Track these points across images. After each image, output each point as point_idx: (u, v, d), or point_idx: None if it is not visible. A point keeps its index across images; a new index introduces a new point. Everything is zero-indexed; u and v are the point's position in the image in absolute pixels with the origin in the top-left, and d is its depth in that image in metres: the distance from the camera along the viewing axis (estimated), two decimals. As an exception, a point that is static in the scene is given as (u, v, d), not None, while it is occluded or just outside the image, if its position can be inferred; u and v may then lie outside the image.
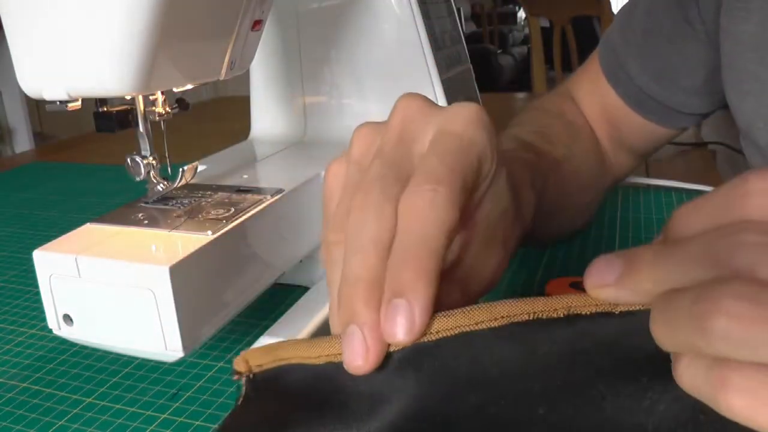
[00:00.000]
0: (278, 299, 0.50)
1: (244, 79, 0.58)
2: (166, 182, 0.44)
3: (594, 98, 0.59)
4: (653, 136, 0.58)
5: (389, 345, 0.23)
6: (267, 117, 0.63)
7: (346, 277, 0.24)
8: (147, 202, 0.43)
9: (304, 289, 0.48)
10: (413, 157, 0.27)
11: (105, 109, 0.41)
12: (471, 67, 0.70)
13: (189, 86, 0.42)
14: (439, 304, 0.24)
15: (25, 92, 0.38)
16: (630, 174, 0.64)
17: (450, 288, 0.27)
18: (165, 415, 0.38)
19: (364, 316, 0.23)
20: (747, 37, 0.45)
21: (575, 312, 0.22)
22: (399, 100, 0.30)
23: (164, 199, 0.44)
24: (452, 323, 0.23)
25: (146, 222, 0.40)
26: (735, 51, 0.46)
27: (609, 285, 0.21)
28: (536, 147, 0.47)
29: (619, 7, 0.61)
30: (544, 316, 0.23)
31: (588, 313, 0.22)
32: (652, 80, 0.55)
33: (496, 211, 0.30)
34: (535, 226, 0.40)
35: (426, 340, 0.23)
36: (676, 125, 0.57)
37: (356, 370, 0.23)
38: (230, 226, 0.39)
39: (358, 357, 0.23)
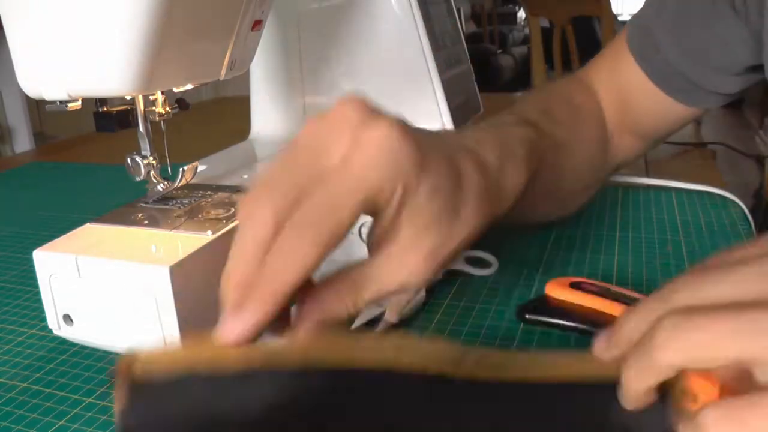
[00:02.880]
0: (278, 299, 0.50)
1: (244, 79, 0.58)
2: (166, 182, 0.44)
3: (612, 80, 0.59)
4: (669, 117, 0.59)
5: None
6: (267, 117, 0.63)
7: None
8: (147, 202, 0.43)
9: (304, 289, 0.48)
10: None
11: (105, 109, 0.41)
12: (471, 67, 0.70)
13: (189, 86, 0.42)
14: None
15: (25, 92, 0.38)
16: (633, 159, 0.64)
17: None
18: (165, 415, 0.38)
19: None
20: None
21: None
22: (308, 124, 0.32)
23: (164, 199, 0.44)
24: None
25: (146, 222, 0.40)
26: None
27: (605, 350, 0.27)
28: (538, 126, 0.47)
29: (620, 7, 0.62)
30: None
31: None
32: (684, 57, 0.55)
33: (426, 212, 0.31)
34: (526, 205, 0.40)
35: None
36: (701, 104, 0.57)
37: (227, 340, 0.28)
38: (230, 226, 0.39)
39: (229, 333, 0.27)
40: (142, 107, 0.42)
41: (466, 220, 0.33)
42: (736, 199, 0.66)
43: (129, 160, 0.42)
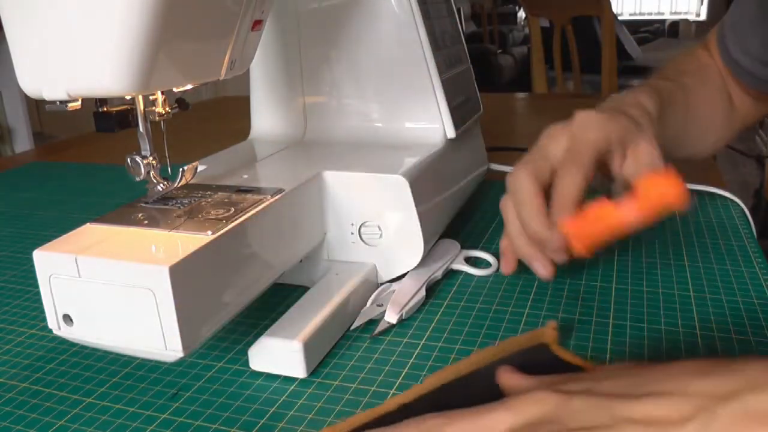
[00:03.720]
0: (278, 299, 0.50)
1: (244, 79, 0.58)
2: (166, 182, 0.44)
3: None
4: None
5: None
6: (267, 117, 0.63)
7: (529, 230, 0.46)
8: (147, 202, 0.43)
9: (304, 289, 0.48)
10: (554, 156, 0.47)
11: (105, 109, 0.41)
12: (471, 67, 0.70)
13: (189, 86, 0.42)
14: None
15: (25, 92, 0.38)
16: (755, 119, 0.72)
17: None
18: (165, 415, 0.38)
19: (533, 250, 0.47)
20: None
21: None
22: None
23: (164, 199, 0.44)
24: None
25: (146, 222, 0.40)
26: None
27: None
28: (668, 76, 0.60)
29: (620, 7, 0.64)
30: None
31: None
32: (743, 55, 0.64)
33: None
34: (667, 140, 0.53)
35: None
36: (763, 89, 0.65)
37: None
38: (230, 226, 0.39)
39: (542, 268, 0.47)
40: (142, 107, 0.42)
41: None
42: (736, 199, 0.66)
43: (129, 160, 0.42)
